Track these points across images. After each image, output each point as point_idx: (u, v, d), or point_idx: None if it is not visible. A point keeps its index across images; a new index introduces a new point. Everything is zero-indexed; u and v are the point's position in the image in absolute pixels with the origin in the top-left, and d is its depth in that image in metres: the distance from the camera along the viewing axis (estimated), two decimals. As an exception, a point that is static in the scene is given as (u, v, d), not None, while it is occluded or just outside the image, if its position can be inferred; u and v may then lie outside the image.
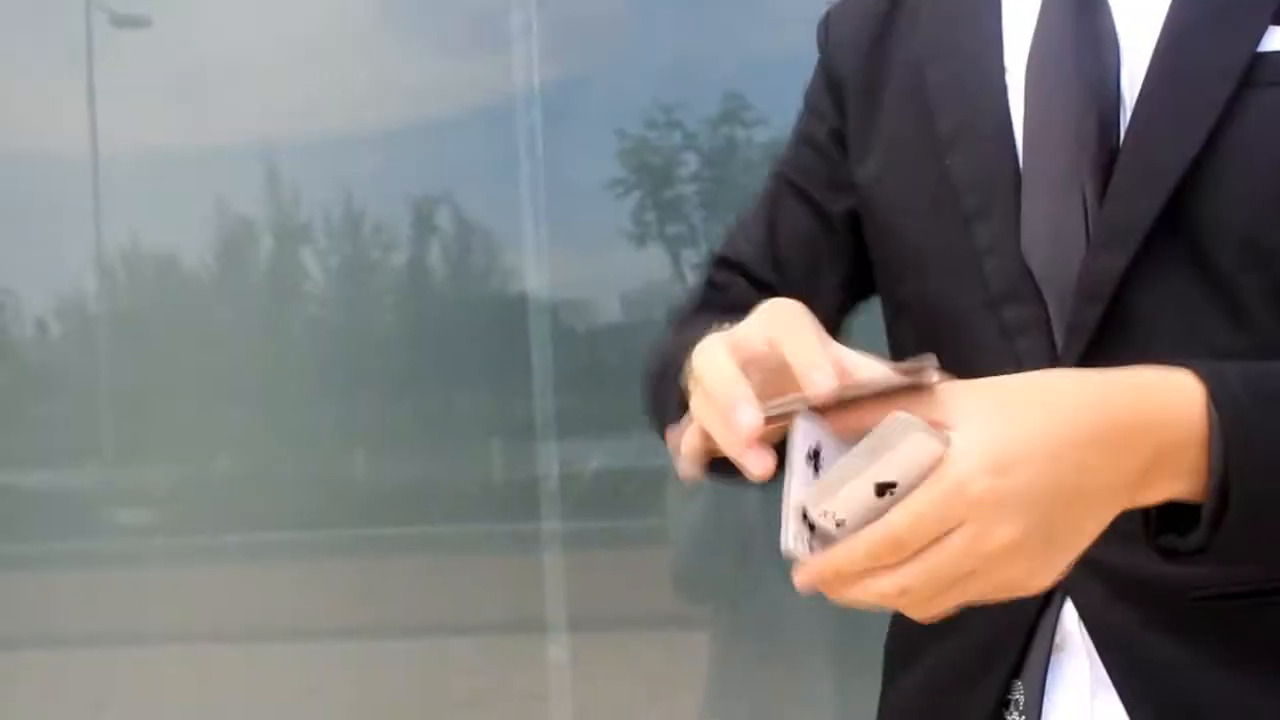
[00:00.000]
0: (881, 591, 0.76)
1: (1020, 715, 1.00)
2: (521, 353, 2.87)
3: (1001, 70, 1.02)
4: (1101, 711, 0.97)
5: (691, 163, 3.10)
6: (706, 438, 0.82)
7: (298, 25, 3.07)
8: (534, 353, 2.87)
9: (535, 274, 2.93)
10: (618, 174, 3.05)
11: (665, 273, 3.10)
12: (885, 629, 1.12)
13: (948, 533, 0.74)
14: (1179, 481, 0.81)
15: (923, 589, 0.76)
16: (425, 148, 3.02)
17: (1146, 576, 0.94)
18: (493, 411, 3.03)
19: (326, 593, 2.97)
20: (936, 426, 0.75)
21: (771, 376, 0.79)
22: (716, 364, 0.79)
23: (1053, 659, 0.99)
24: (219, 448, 3.08)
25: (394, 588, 2.99)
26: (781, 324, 0.79)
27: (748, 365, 0.79)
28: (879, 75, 1.10)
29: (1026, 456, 0.75)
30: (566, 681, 2.85)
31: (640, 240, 3.08)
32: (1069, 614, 0.99)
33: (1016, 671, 1.00)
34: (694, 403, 0.82)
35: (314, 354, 3.08)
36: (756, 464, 0.75)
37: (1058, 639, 0.99)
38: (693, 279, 3.12)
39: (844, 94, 1.13)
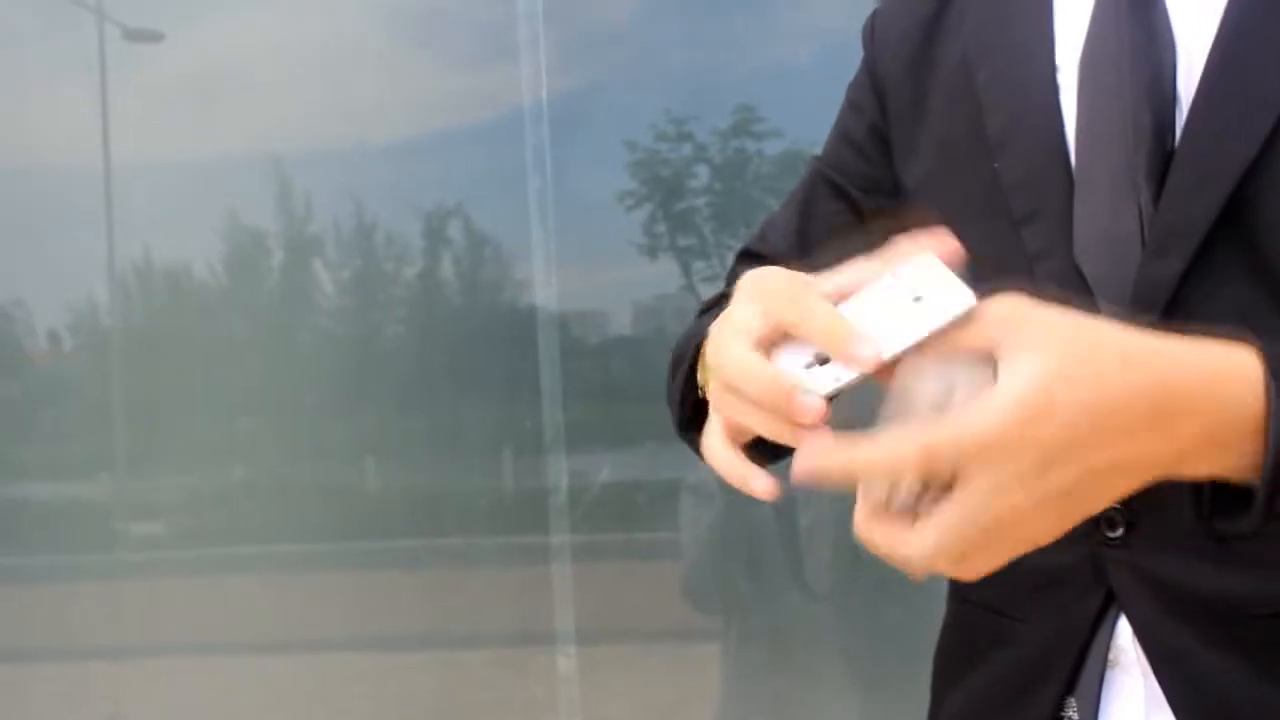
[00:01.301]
0: (899, 549, 0.78)
1: None
2: (531, 365, 2.87)
3: (1052, 68, 1.00)
4: None
5: (703, 175, 3.10)
6: (736, 435, 0.83)
7: (308, 38, 3.08)
8: (543, 365, 2.87)
9: (544, 286, 2.93)
10: (629, 186, 3.05)
11: (676, 284, 3.10)
12: (897, 639, 1.12)
13: (968, 478, 0.74)
14: (1229, 456, 0.79)
15: (953, 544, 0.76)
16: (436, 160, 3.03)
17: (1204, 593, 0.93)
18: (502, 424, 3.03)
19: (339, 604, 2.98)
20: (984, 356, 0.75)
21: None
22: (741, 361, 0.81)
23: (1107, 676, 0.97)
24: (232, 459, 3.09)
25: (405, 599, 3.00)
26: (785, 301, 0.81)
27: (760, 347, 0.81)
28: (927, 79, 1.09)
29: (1069, 410, 0.74)
30: (575, 693, 2.85)
31: (651, 252, 3.08)
32: (1124, 630, 0.97)
33: (1070, 688, 0.98)
34: (720, 402, 0.83)
35: (326, 366, 3.08)
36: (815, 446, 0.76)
37: (1112, 655, 0.97)
38: (704, 291, 3.13)
39: (888, 96, 1.12)
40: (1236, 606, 0.93)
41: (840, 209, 1.15)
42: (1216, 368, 0.80)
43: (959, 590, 1.11)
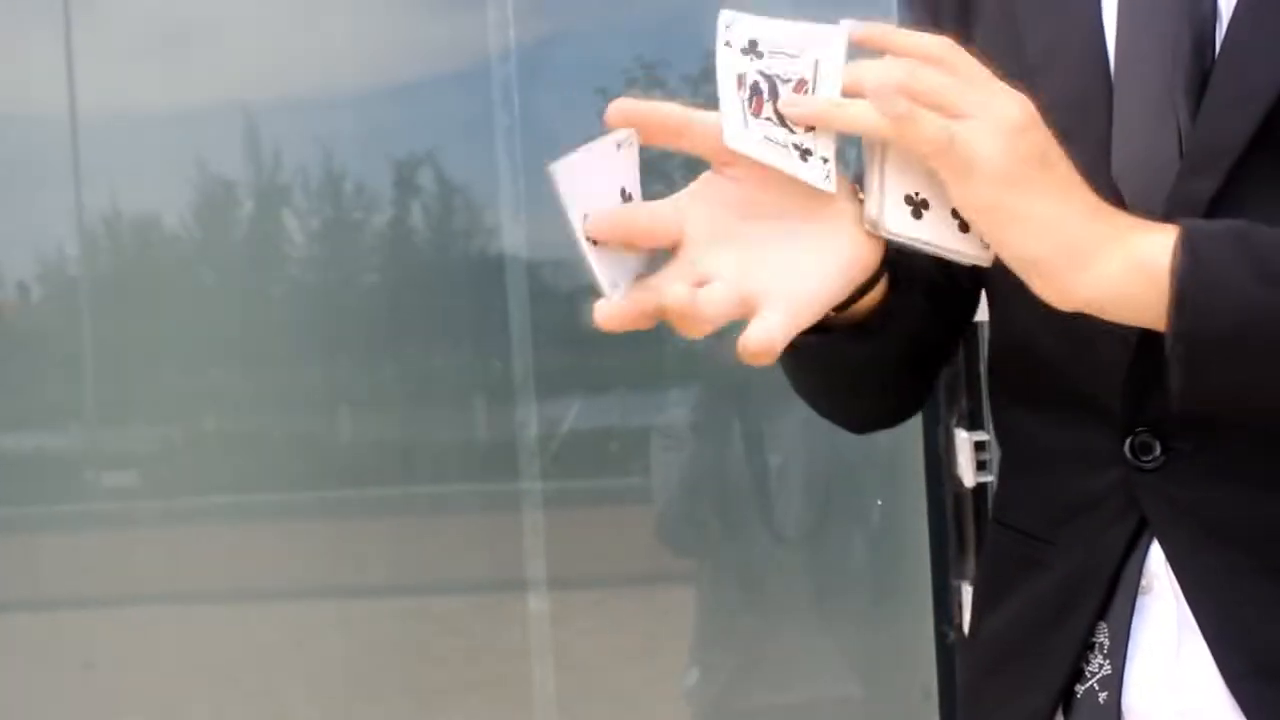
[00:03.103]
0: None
1: (1104, 658, 0.99)
2: (500, 312, 2.87)
3: None
4: (1188, 656, 0.96)
5: (673, 121, 3.08)
6: None
7: (275, -16, 3.06)
8: (512, 311, 2.87)
9: (512, 233, 2.93)
10: (599, 132, 3.03)
11: (646, 230, 3.09)
12: (867, 579, 1.13)
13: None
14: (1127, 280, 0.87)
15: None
16: (405, 109, 3.02)
17: (1238, 519, 0.94)
18: (473, 371, 3.03)
19: (311, 553, 2.98)
20: None
21: None
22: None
23: (1138, 601, 0.98)
24: (203, 409, 3.08)
25: (377, 547, 3.00)
26: None
27: None
28: (971, 5, 1.08)
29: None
30: (547, 637, 2.86)
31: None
32: (1155, 555, 0.97)
33: (1101, 613, 0.99)
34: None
35: (297, 315, 3.07)
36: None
37: (1144, 581, 0.97)
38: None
39: (941, 14, 1.11)
40: (1270, 533, 0.94)
41: None
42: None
43: (997, 515, 1.13)
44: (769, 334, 0.87)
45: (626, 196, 0.85)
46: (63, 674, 3.00)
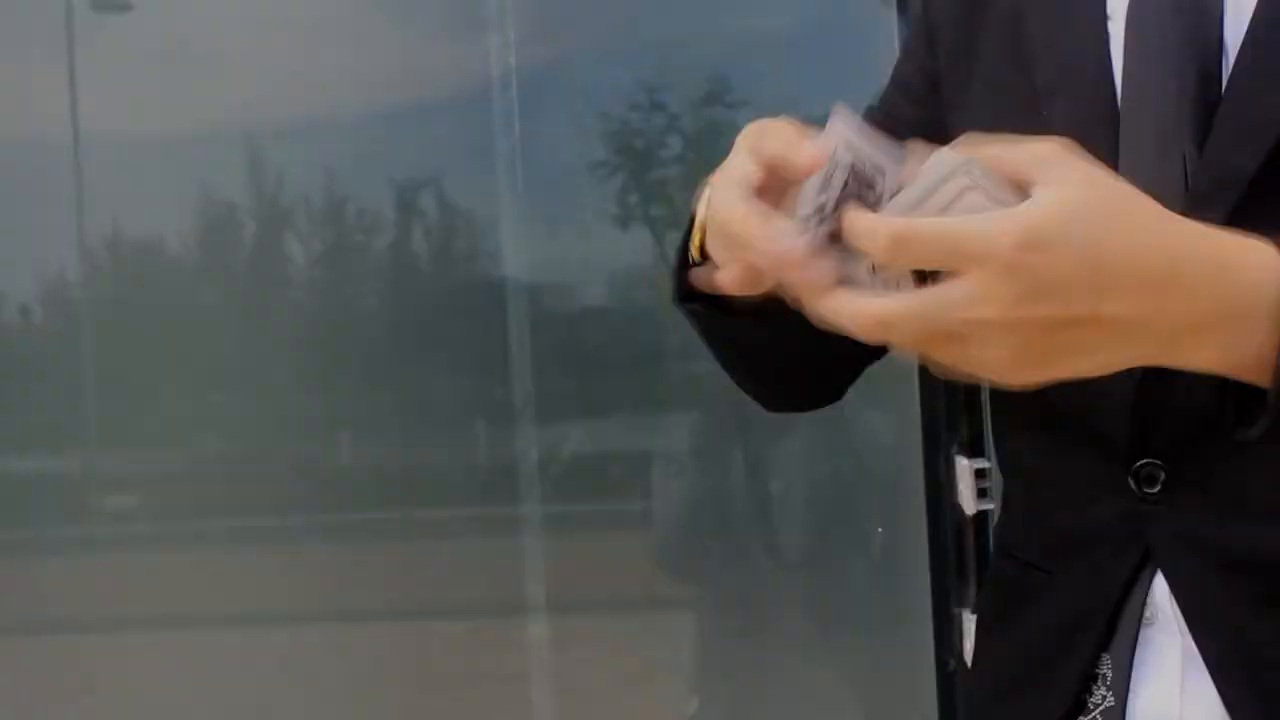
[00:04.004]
0: (864, 313, 0.76)
1: (1107, 690, 0.98)
2: (500, 336, 2.88)
3: (1103, 18, 0.99)
4: (1192, 689, 0.95)
5: (675, 144, 3.10)
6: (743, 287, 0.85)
7: (278, 11, 3.06)
8: (512, 336, 2.88)
9: (513, 257, 2.93)
10: (601, 156, 3.05)
11: (648, 254, 3.10)
12: (871, 610, 1.13)
13: (954, 277, 0.74)
14: (1234, 344, 0.79)
15: (903, 326, 0.76)
16: (407, 133, 3.02)
17: (1242, 551, 0.93)
18: (473, 395, 3.03)
19: (311, 577, 2.98)
20: (1018, 184, 0.75)
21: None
22: (727, 200, 0.83)
23: (1142, 633, 0.97)
24: (204, 433, 3.08)
25: (377, 571, 3.00)
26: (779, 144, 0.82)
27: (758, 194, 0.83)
28: (978, 23, 1.08)
29: (1073, 247, 0.74)
30: (547, 662, 2.86)
31: (623, 222, 3.08)
32: (1160, 587, 0.96)
33: (1105, 645, 0.98)
34: (717, 251, 0.85)
35: (298, 339, 3.08)
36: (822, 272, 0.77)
37: (1148, 613, 0.97)
38: (675, 260, 3.14)
39: (939, 40, 1.11)
40: (1275, 565, 0.93)
41: None
42: (1239, 250, 0.80)
43: (1000, 544, 1.12)
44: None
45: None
46: (62, 697, 3.00)
